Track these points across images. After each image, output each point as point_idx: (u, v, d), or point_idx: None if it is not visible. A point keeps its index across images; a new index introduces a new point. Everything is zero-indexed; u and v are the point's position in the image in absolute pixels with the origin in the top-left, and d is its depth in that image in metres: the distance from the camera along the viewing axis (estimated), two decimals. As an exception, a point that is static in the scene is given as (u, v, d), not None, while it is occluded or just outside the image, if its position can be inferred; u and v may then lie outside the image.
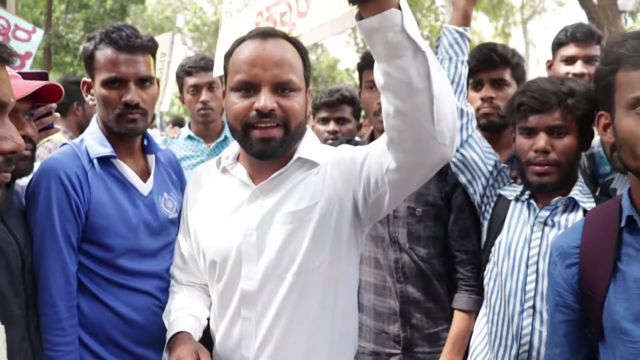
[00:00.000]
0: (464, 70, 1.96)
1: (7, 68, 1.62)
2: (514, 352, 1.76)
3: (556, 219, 1.76)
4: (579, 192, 1.76)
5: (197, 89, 2.98)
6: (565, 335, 1.44)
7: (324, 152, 1.60)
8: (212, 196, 1.65)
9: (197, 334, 1.60)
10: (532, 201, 1.83)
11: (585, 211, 1.71)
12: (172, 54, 4.17)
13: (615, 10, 7.93)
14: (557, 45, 2.71)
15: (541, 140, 1.73)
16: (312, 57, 19.34)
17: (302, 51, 1.56)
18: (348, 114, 2.92)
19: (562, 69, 2.61)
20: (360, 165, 1.48)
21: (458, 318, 2.02)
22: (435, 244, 2.09)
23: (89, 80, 1.82)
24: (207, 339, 1.65)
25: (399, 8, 1.11)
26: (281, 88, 1.47)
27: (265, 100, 1.44)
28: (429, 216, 2.08)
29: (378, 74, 1.19)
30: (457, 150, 1.98)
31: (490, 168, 1.98)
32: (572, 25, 2.72)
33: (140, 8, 18.35)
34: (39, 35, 6.19)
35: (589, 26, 2.68)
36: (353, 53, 22.69)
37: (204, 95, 2.95)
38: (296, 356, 1.51)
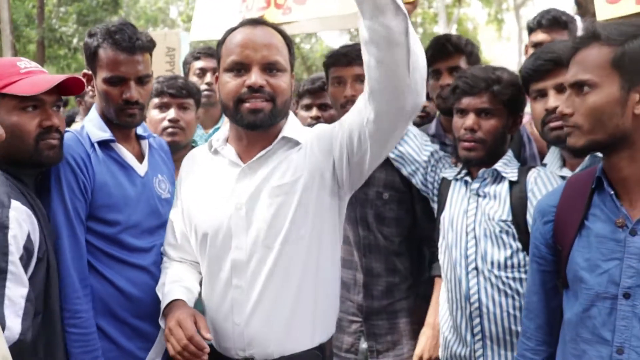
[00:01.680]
0: None
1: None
2: (467, 312, 1.96)
3: (486, 189, 1.99)
4: (503, 164, 1.98)
5: (203, 72, 3.15)
6: (541, 285, 1.59)
7: (305, 131, 1.75)
8: (204, 176, 1.78)
9: (191, 304, 1.71)
10: (467, 178, 2.04)
11: (510, 182, 1.94)
12: (181, 49, 4.30)
13: (602, -6, 7.92)
14: (528, 31, 2.84)
15: (469, 119, 1.96)
16: (306, 46, 19.31)
17: (287, 39, 1.73)
18: (330, 100, 3.03)
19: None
20: (340, 130, 1.64)
21: (438, 283, 2.23)
22: (398, 225, 2.32)
23: (90, 72, 1.94)
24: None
25: None
26: (269, 68, 1.64)
27: (255, 77, 1.61)
28: (394, 200, 2.31)
29: (363, 29, 1.40)
30: (395, 147, 2.23)
31: (426, 158, 2.20)
32: (541, 12, 2.83)
33: (133, 0, 18.32)
34: None
35: (555, 12, 2.78)
36: (347, 42, 22.66)
37: (209, 78, 3.10)
38: (284, 320, 1.63)
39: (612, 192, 1.39)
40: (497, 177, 1.98)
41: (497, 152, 1.99)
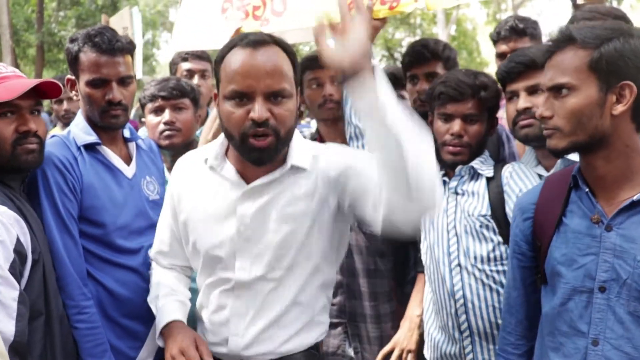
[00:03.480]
0: None
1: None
2: (453, 309, 1.98)
3: (464, 187, 2.03)
4: (480, 162, 2.02)
5: (190, 74, 3.11)
6: (521, 280, 1.63)
7: (312, 152, 1.68)
8: (202, 191, 1.70)
9: (185, 319, 1.72)
10: (445, 179, 2.07)
11: (487, 178, 1.98)
12: (133, 26, 4.30)
13: (600, -6, 7.93)
14: (493, 44, 2.90)
15: (456, 125, 2.00)
16: (305, 48, 19.31)
17: (291, 55, 1.60)
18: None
19: (499, 64, 2.79)
20: (355, 173, 1.56)
21: (421, 278, 2.24)
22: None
23: (73, 78, 1.98)
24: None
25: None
26: (274, 96, 1.52)
27: (259, 110, 1.49)
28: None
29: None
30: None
31: None
32: (500, 23, 2.90)
33: (131, 3, 18.37)
34: None
35: (512, 22, 2.81)
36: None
37: (196, 80, 3.06)
38: (283, 326, 1.64)
39: (587, 190, 1.43)
40: (474, 175, 2.02)
41: (478, 154, 2.05)
